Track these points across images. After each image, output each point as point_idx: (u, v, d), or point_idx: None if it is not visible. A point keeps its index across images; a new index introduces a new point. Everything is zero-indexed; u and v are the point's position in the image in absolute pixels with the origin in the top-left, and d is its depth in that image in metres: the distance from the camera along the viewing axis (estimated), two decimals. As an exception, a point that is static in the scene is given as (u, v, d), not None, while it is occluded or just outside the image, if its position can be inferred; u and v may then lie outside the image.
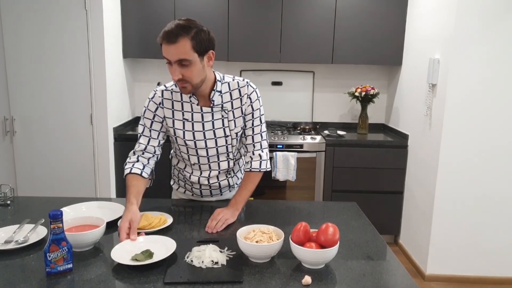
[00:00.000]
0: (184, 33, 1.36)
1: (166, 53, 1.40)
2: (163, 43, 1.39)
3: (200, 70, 1.44)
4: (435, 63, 2.76)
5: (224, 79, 1.60)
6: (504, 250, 2.84)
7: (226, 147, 1.64)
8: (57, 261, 1.12)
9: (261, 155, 1.67)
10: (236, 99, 1.60)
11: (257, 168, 1.66)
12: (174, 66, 1.40)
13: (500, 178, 2.74)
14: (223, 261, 1.19)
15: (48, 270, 1.12)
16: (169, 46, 1.37)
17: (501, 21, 2.54)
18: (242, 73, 3.80)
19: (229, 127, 1.61)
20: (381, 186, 3.32)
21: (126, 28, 3.35)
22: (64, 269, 1.13)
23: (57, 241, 1.12)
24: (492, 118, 2.66)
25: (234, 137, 1.63)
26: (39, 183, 3.15)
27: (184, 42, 1.37)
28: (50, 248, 1.11)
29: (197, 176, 1.68)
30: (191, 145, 1.61)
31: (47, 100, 3.04)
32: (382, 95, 3.82)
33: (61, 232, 1.12)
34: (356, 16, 3.36)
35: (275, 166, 3.18)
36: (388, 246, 1.36)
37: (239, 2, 3.33)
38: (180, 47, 1.37)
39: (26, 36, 2.95)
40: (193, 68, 1.41)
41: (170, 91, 1.59)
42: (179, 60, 1.39)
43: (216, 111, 1.58)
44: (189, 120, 1.58)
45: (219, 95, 1.58)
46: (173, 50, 1.37)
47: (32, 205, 1.66)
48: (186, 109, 1.58)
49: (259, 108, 1.65)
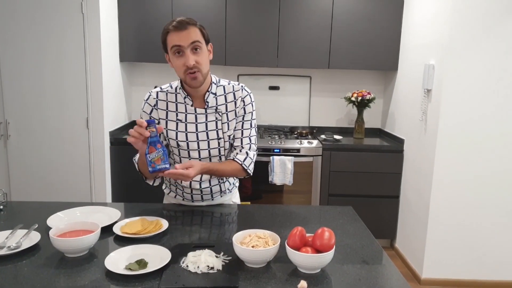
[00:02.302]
0: (192, 22, 1.47)
1: (179, 40, 1.45)
2: (174, 32, 1.45)
3: (207, 59, 1.53)
4: (430, 69, 2.77)
5: (220, 82, 1.64)
6: (499, 254, 2.85)
7: (218, 150, 1.64)
8: (155, 160, 1.32)
9: (248, 153, 1.66)
10: (230, 102, 1.62)
11: (241, 160, 1.63)
12: (187, 53, 1.46)
13: (494, 183, 2.75)
14: (219, 266, 1.18)
15: (150, 169, 1.34)
16: (181, 32, 1.45)
17: (496, 28, 2.56)
18: (239, 77, 3.81)
19: (222, 130, 1.62)
20: (377, 190, 3.33)
21: (123, 31, 3.35)
22: (162, 168, 1.34)
23: (153, 143, 1.32)
24: (487, 124, 2.68)
25: (227, 139, 1.64)
26: (33, 188, 3.12)
27: (194, 28, 1.47)
28: (149, 150, 1.32)
29: None
30: (183, 146, 1.61)
31: (42, 103, 3.03)
32: (378, 100, 3.84)
33: (155, 135, 1.33)
34: (353, 22, 3.38)
35: (272, 171, 3.18)
36: (384, 250, 1.36)
37: (237, 7, 3.34)
38: (192, 32, 1.46)
39: (21, 39, 2.94)
40: (203, 54, 1.50)
41: (165, 92, 1.62)
42: (193, 42, 1.46)
43: (210, 112, 1.60)
44: (183, 121, 1.60)
45: (214, 97, 1.60)
46: (186, 35, 1.45)
47: (26, 210, 1.64)
48: (180, 110, 1.60)
49: (251, 112, 1.66)
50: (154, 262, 1.18)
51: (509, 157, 2.72)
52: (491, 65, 2.61)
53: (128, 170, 3.22)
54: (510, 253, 2.85)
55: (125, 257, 1.21)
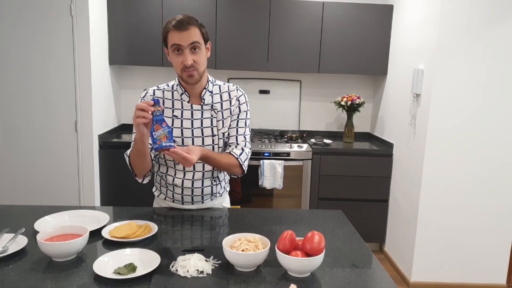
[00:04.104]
0: (193, 22, 1.52)
1: (179, 39, 1.49)
2: (174, 31, 1.50)
3: (205, 58, 1.58)
4: (419, 74, 2.81)
5: (216, 82, 1.71)
6: (488, 258, 2.88)
7: (212, 147, 1.65)
8: (161, 138, 1.33)
9: (244, 149, 1.68)
10: (226, 100, 1.68)
11: (237, 154, 1.65)
12: (186, 52, 1.50)
13: (483, 187, 2.79)
14: (209, 270, 1.18)
15: (155, 146, 1.34)
16: (182, 32, 1.49)
17: (484, 33, 2.61)
18: (229, 80, 3.81)
19: (217, 127, 1.66)
20: (366, 194, 3.35)
21: (113, 34, 3.33)
22: (167, 145, 1.35)
23: (159, 121, 1.35)
24: (475, 128, 2.72)
25: (221, 137, 1.66)
26: (21, 191, 3.08)
27: (194, 28, 1.52)
28: (155, 127, 1.34)
29: (181, 179, 1.67)
30: (178, 142, 1.62)
31: (30, 106, 2.99)
32: (368, 104, 3.87)
33: (160, 114, 1.36)
34: (343, 26, 3.41)
35: (262, 174, 3.18)
36: (373, 254, 1.37)
37: (227, 11, 3.35)
38: (192, 32, 1.50)
39: (10, 42, 2.91)
40: (202, 54, 1.55)
41: (162, 90, 1.67)
42: (193, 43, 1.50)
43: (206, 109, 1.64)
44: (179, 117, 1.63)
45: (210, 95, 1.66)
46: (187, 35, 1.49)
47: (12, 214, 1.62)
48: (176, 106, 1.64)
49: (246, 111, 1.71)
50: (143, 266, 1.17)
51: (497, 161, 2.76)
52: (480, 70, 2.65)
53: (117, 173, 3.20)
54: (499, 257, 2.88)
55: (113, 261, 1.20)
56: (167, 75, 3.74)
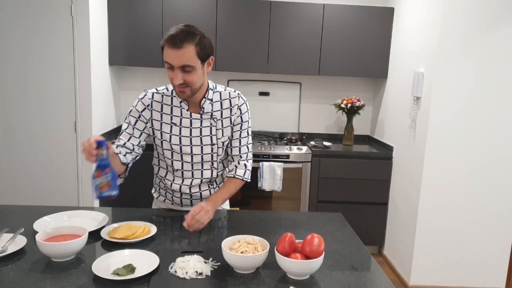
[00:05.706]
0: (189, 39, 1.38)
1: (170, 58, 1.40)
2: (167, 47, 1.40)
3: (201, 75, 1.47)
4: (420, 77, 2.81)
5: (216, 88, 1.63)
6: (487, 261, 2.88)
7: (211, 155, 1.64)
8: (102, 186, 1.21)
9: (246, 165, 1.71)
10: (226, 108, 1.63)
11: (241, 176, 1.69)
12: (176, 71, 1.42)
13: (483, 190, 2.79)
14: (208, 272, 1.18)
15: (95, 195, 1.22)
16: (174, 51, 1.38)
17: (484, 37, 2.62)
18: (229, 82, 3.81)
19: (216, 136, 1.62)
20: (366, 197, 3.35)
21: (113, 35, 3.34)
22: (108, 195, 1.22)
23: (101, 167, 1.22)
24: (475, 131, 2.72)
25: (220, 146, 1.64)
26: (20, 191, 3.07)
27: (189, 48, 1.39)
28: (96, 174, 1.22)
29: (179, 184, 1.67)
30: (176, 150, 1.61)
31: (30, 106, 2.99)
32: (368, 107, 3.87)
33: (104, 159, 1.22)
34: (343, 29, 3.42)
35: (261, 176, 3.18)
36: (373, 257, 1.37)
37: (228, 12, 3.35)
38: (186, 53, 1.39)
39: (10, 42, 2.90)
40: (195, 74, 1.44)
41: (161, 94, 1.61)
42: (183, 66, 1.40)
43: (205, 118, 1.60)
44: (177, 124, 1.59)
45: (210, 103, 1.60)
46: (178, 55, 1.38)
47: (11, 214, 1.61)
48: (175, 113, 1.59)
49: (248, 120, 1.68)
50: (142, 267, 1.17)
51: (497, 165, 2.76)
52: (480, 73, 2.65)
53: (117, 174, 3.20)
54: (498, 260, 2.88)
55: (112, 262, 1.20)
56: (166, 77, 3.72)
